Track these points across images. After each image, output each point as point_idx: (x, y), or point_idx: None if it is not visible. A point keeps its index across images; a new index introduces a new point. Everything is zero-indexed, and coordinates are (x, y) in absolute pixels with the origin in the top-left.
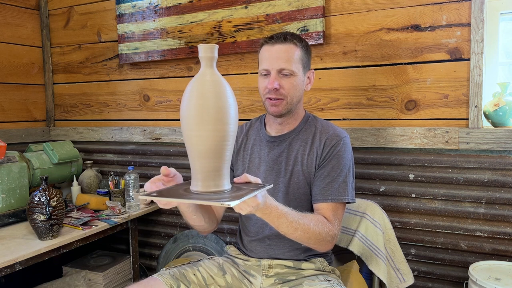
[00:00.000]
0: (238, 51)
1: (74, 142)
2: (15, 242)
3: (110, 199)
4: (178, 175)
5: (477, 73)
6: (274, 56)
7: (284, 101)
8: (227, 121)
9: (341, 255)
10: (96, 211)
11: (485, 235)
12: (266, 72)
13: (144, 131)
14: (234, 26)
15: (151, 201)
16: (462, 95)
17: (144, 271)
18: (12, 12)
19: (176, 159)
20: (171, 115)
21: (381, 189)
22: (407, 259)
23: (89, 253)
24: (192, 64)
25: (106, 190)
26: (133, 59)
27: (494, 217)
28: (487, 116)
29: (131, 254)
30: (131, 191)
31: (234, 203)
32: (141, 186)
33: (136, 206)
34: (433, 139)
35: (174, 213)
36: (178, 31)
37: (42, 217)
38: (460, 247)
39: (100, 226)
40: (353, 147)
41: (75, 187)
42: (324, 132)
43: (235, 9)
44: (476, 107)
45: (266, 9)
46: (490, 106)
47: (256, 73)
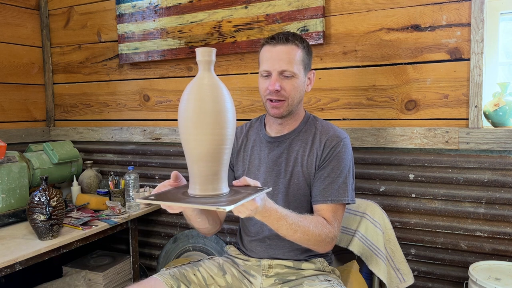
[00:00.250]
0: (238, 51)
1: (74, 142)
2: (15, 242)
3: (110, 199)
4: (183, 180)
5: (477, 73)
6: (276, 57)
7: (285, 102)
8: (225, 125)
9: (341, 255)
10: (96, 211)
11: (485, 235)
12: (267, 73)
13: (144, 131)
14: (234, 26)
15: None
16: (462, 95)
17: (144, 271)
18: (12, 12)
19: (176, 159)
20: (171, 115)
21: (381, 189)
22: (407, 259)
23: (89, 253)
24: (192, 64)
25: (106, 190)
26: (133, 59)
27: (494, 217)
28: (487, 116)
29: (131, 254)
30: (131, 191)
31: (229, 208)
32: (141, 186)
33: (136, 206)
34: (433, 139)
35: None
36: (178, 31)
37: (42, 217)
38: (460, 247)
39: (100, 226)
40: (353, 147)
41: (75, 187)
42: (324, 133)
43: (235, 9)
44: (476, 107)
45: (266, 9)
46: (490, 106)
47: (256, 73)
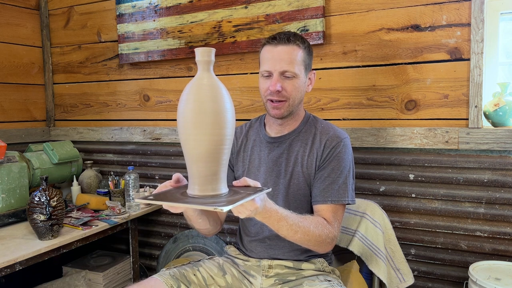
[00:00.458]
0: (238, 51)
1: (74, 142)
2: (15, 242)
3: (110, 199)
4: (185, 182)
5: (477, 73)
6: (277, 58)
7: (286, 103)
8: (224, 125)
9: (341, 255)
10: (96, 211)
11: (485, 235)
12: (268, 74)
13: (144, 131)
14: (234, 26)
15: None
16: (462, 95)
17: (144, 271)
18: (12, 12)
19: (176, 159)
20: (171, 115)
21: (381, 189)
22: (407, 259)
23: (89, 253)
24: (192, 64)
25: (106, 190)
26: (133, 59)
27: (494, 217)
28: (487, 116)
29: (131, 254)
30: (131, 191)
31: (227, 208)
32: (141, 186)
33: (136, 206)
34: (433, 139)
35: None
36: (178, 31)
37: (42, 217)
38: (460, 247)
39: (100, 226)
40: (353, 147)
41: (75, 187)
42: (324, 133)
43: (235, 9)
44: (476, 107)
45: (266, 9)
46: (490, 106)
47: (256, 73)
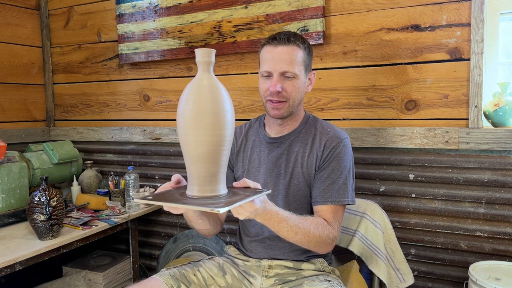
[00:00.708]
0: (238, 51)
1: (74, 142)
2: (15, 242)
3: (110, 199)
4: (184, 182)
5: (477, 73)
6: (277, 58)
7: (286, 103)
8: (223, 126)
9: (341, 255)
10: (96, 211)
11: (485, 235)
12: (267, 74)
13: (144, 131)
14: (234, 26)
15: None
16: (462, 95)
17: (144, 271)
18: (12, 12)
19: (176, 159)
20: (171, 115)
21: (381, 189)
22: (407, 259)
23: (89, 253)
24: (192, 64)
25: (106, 190)
26: (133, 59)
27: (494, 217)
28: (487, 116)
29: (131, 254)
30: (131, 191)
31: (224, 210)
32: (141, 186)
33: (136, 206)
34: (433, 139)
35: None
36: (178, 31)
37: (42, 217)
38: (460, 247)
39: (100, 226)
40: (353, 147)
41: (75, 187)
42: (324, 133)
43: (235, 9)
44: (476, 107)
45: (266, 9)
46: (490, 106)
47: (256, 73)
